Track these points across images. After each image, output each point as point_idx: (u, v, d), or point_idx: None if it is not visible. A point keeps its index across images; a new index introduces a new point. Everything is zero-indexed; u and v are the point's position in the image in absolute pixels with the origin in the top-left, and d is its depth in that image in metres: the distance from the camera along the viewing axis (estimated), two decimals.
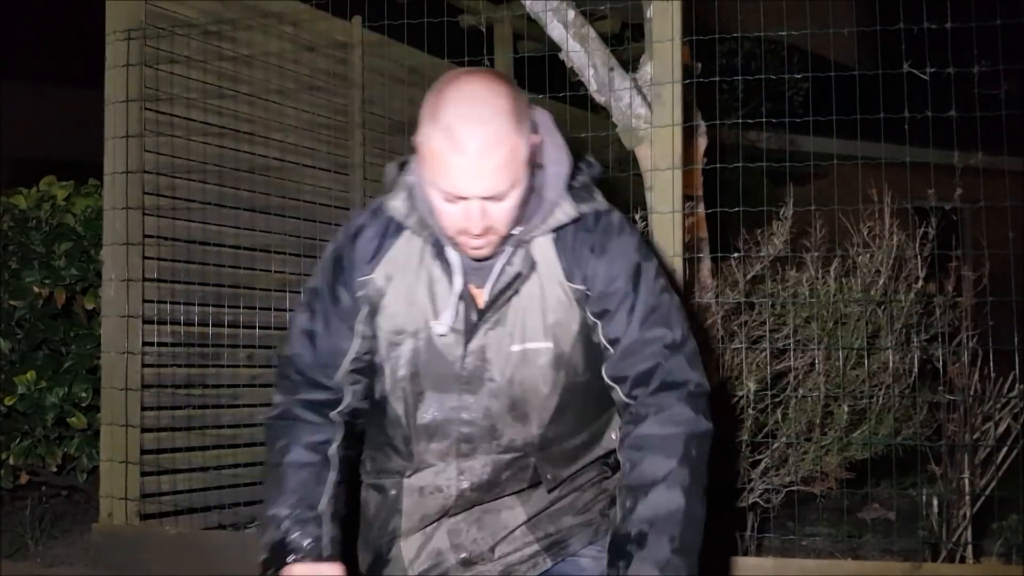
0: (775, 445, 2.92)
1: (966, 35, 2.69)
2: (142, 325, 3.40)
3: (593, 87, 2.92)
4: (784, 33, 2.82)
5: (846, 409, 2.89)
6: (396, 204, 1.62)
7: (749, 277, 2.99)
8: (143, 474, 3.38)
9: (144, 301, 3.42)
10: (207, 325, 3.64)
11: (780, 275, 3.01)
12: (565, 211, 1.61)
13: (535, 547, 1.72)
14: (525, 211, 1.59)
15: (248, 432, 3.74)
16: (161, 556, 3.24)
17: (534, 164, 1.56)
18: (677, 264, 2.66)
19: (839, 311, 2.96)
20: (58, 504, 4.25)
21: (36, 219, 3.88)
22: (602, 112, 3.01)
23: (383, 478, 1.76)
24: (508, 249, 1.61)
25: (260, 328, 3.72)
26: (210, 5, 3.72)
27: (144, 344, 3.41)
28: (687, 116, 2.81)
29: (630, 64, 2.93)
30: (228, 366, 3.69)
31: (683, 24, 2.73)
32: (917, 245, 2.95)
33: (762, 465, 2.94)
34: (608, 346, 1.63)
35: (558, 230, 1.63)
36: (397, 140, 4.29)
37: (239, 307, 3.69)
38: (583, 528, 1.75)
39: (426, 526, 1.72)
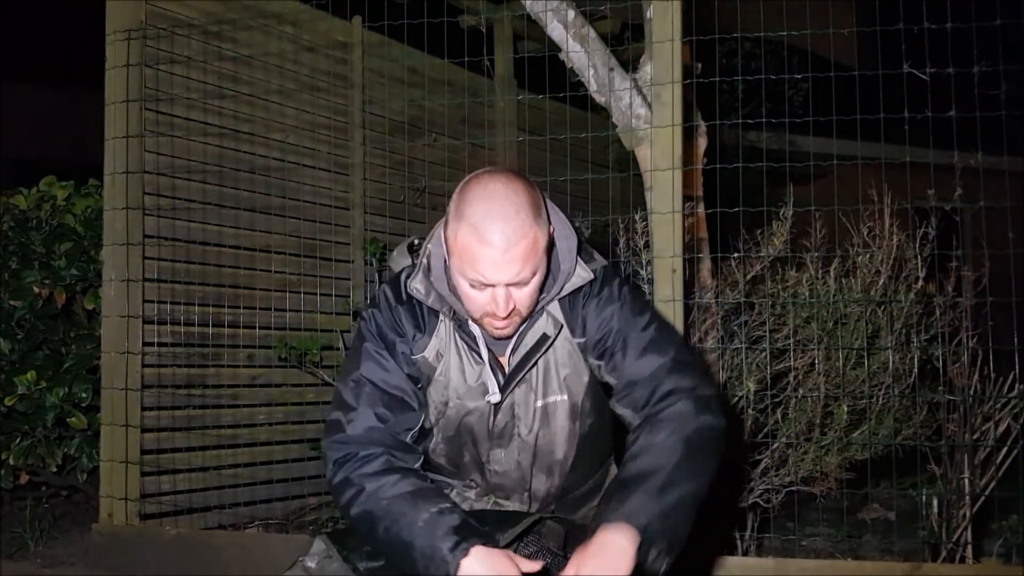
0: (775, 445, 2.92)
1: (966, 35, 2.68)
2: (142, 325, 3.40)
3: (593, 87, 2.92)
4: (784, 33, 2.82)
5: (846, 409, 2.89)
6: (416, 286, 1.74)
7: (749, 277, 2.98)
8: (143, 474, 3.38)
9: (144, 301, 3.42)
10: (207, 325, 3.65)
11: (780, 275, 3.01)
12: (580, 276, 1.74)
13: None
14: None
15: (248, 432, 3.75)
16: (161, 556, 3.24)
17: (551, 249, 1.71)
18: (677, 264, 2.66)
19: (839, 311, 2.96)
20: (58, 504, 4.25)
21: (36, 219, 3.88)
22: (602, 112, 3.00)
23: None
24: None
25: (260, 328, 3.72)
26: (210, 5, 3.73)
27: (144, 344, 3.41)
28: (687, 116, 2.81)
29: (630, 64, 2.92)
30: (228, 366, 3.70)
31: (683, 24, 2.73)
32: (917, 245, 2.95)
33: (762, 465, 2.94)
34: (613, 381, 1.76)
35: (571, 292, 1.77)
36: (397, 140, 4.30)
37: (239, 307, 3.70)
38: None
39: None
